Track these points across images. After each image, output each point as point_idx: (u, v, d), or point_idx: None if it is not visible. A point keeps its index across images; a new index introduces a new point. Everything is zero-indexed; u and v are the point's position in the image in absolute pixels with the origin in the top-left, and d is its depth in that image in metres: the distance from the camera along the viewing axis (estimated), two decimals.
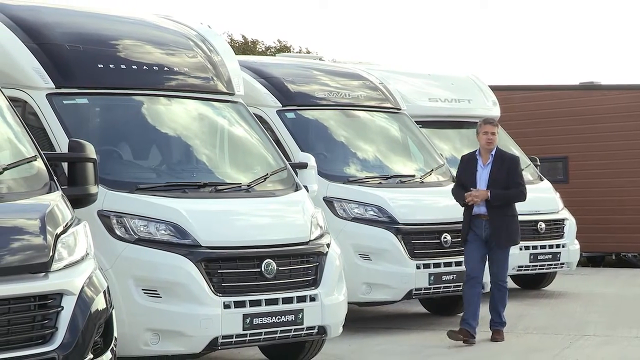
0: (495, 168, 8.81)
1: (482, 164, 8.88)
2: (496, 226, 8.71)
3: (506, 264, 8.92)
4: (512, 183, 8.83)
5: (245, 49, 33.36)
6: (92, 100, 7.65)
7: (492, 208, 8.72)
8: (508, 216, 8.81)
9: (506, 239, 8.81)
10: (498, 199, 8.70)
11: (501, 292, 8.94)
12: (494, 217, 8.71)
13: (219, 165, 7.98)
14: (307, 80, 10.68)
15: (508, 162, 8.93)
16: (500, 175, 8.77)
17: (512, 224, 8.85)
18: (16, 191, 5.23)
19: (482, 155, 8.91)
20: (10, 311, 4.69)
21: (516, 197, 8.89)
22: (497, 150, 8.97)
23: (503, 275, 8.89)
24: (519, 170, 9.00)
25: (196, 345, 6.82)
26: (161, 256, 6.83)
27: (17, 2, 8.12)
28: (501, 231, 8.74)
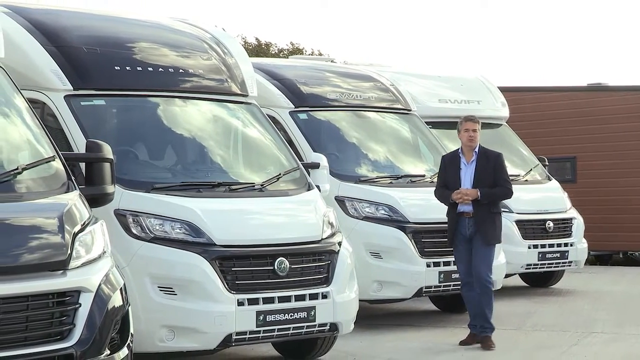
0: (480, 166, 8.47)
1: (465, 162, 8.52)
2: (481, 223, 8.38)
3: (490, 262, 8.49)
4: (498, 180, 8.48)
5: (258, 51, 33.40)
6: (109, 101, 7.67)
7: (478, 206, 8.39)
8: (493, 213, 8.50)
9: (492, 235, 8.45)
10: (487, 198, 8.39)
11: (487, 294, 8.45)
12: (479, 214, 8.38)
13: (232, 165, 7.99)
14: (319, 81, 10.69)
15: (493, 160, 8.55)
16: (486, 173, 8.44)
17: (497, 221, 8.53)
18: (35, 190, 5.26)
19: (465, 153, 8.55)
20: (28, 308, 4.71)
21: (503, 195, 8.60)
22: (480, 147, 8.59)
23: (487, 274, 8.44)
24: (504, 166, 8.63)
25: (211, 342, 6.83)
26: (176, 254, 6.84)
27: (36, 6, 8.15)
28: (487, 228, 8.40)
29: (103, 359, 4.93)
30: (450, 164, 8.61)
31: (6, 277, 4.68)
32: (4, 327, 4.59)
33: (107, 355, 4.98)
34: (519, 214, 11.87)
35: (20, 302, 4.69)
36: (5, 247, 4.79)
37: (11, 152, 5.55)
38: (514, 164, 12.90)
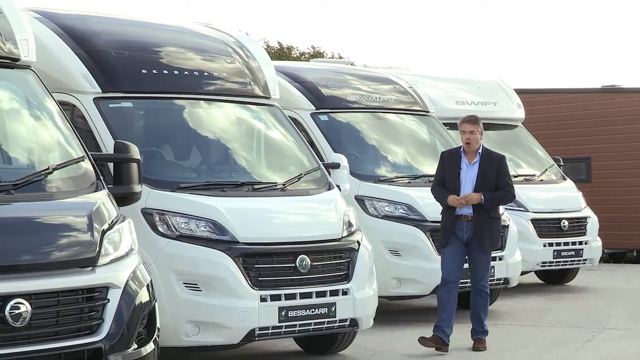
0: (483, 168, 7.93)
1: (467, 163, 7.97)
2: (480, 228, 7.86)
3: (488, 268, 8.10)
4: (501, 184, 7.96)
5: (280, 54, 33.42)
6: (136, 103, 7.70)
7: (478, 209, 7.87)
8: (493, 218, 7.99)
9: (490, 241, 7.95)
10: (490, 203, 7.88)
11: (483, 299, 8.07)
12: (479, 218, 7.86)
13: (255, 166, 8.00)
14: (339, 84, 10.69)
15: (497, 162, 8.02)
16: (489, 176, 7.91)
17: (496, 226, 8.04)
18: (65, 190, 5.28)
19: (467, 154, 8.00)
20: (59, 303, 4.73)
21: (506, 199, 8.13)
22: (483, 149, 8.05)
23: (485, 280, 8.04)
24: (507, 169, 8.11)
25: (234, 337, 6.84)
26: (201, 252, 6.86)
27: (66, 11, 8.20)
28: (484, 233, 7.88)
29: (130, 352, 4.94)
30: (450, 163, 8.07)
31: (38, 274, 4.71)
32: (36, 321, 4.61)
33: (135, 349, 4.99)
34: (534, 213, 11.83)
35: (51, 298, 4.71)
36: (36, 245, 4.81)
37: (42, 152, 5.58)
38: (530, 164, 12.87)
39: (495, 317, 10.07)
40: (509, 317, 10.08)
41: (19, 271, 4.67)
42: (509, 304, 10.90)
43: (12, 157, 5.54)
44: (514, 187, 8.13)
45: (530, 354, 8.06)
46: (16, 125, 5.67)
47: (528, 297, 11.49)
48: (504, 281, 9.94)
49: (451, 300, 7.90)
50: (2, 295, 4.53)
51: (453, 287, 7.90)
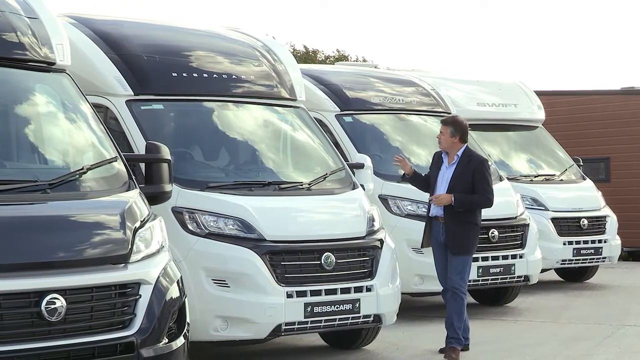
0: (459, 169, 7.52)
1: (446, 164, 7.63)
2: (452, 232, 7.45)
3: (463, 271, 7.50)
4: (477, 187, 7.49)
5: (306, 58, 33.43)
6: (167, 106, 7.73)
7: (450, 211, 7.44)
8: (467, 223, 7.49)
9: (461, 246, 7.46)
10: (462, 204, 7.42)
11: (457, 303, 7.50)
12: (451, 221, 7.45)
13: (282, 166, 8.00)
14: (363, 86, 10.68)
15: (474, 164, 7.54)
16: (465, 177, 7.48)
17: (469, 231, 7.51)
18: (99, 189, 5.31)
19: (448, 155, 7.64)
20: (93, 299, 4.76)
21: (481, 203, 7.55)
22: (465, 150, 7.63)
23: (459, 283, 7.47)
24: (486, 173, 7.59)
25: (261, 331, 6.85)
26: (229, 249, 6.87)
27: (100, 17, 8.25)
28: (456, 238, 7.44)
29: (161, 346, 4.96)
30: (435, 162, 7.78)
31: (72, 270, 4.74)
32: (71, 316, 4.64)
33: (165, 343, 5.01)
34: (554, 212, 11.78)
35: (86, 293, 4.73)
36: (71, 242, 4.84)
37: (77, 153, 5.61)
38: (550, 165, 12.80)
39: (516, 313, 10.03)
40: (530, 313, 10.03)
41: (54, 267, 4.71)
42: (530, 301, 10.85)
43: (48, 158, 5.58)
44: (492, 192, 7.57)
45: (550, 350, 8.00)
46: (52, 127, 5.71)
47: (548, 294, 11.43)
48: (524, 278, 9.90)
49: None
50: (39, 291, 4.56)
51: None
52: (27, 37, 5.53)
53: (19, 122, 5.62)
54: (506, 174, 11.27)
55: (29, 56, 5.53)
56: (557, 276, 12.92)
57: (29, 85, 5.71)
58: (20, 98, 5.69)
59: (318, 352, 7.94)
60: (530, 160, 12.73)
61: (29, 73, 5.64)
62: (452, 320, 7.53)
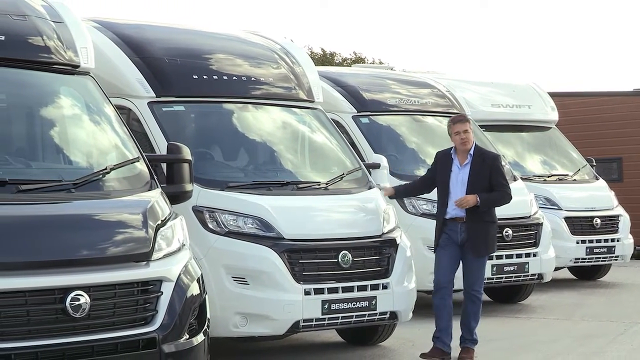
0: (475, 168, 7.21)
1: (459, 165, 7.26)
2: (474, 232, 7.15)
3: (482, 273, 7.30)
4: (495, 184, 7.22)
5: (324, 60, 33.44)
6: (188, 107, 7.75)
7: (472, 212, 7.15)
8: (487, 222, 7.25)
9: (484, 246, 7.24)
10: (485, 204, 7.17)
11: (475, 305, 7.28)
12: (472, 221, 7.14)
13: (300, 166, 8.00)
14: (380, 88, 10.66)
15: (490, 161, 7.27)
16: (482, 176, 7.20)
17: (491, 231, 7.29)
18: (121, 189, 5.32)
19: (459, 155, 7.28)
20: (116, 295, 4.77)
21: (502, 200, 7.30)
22: (475, 148, 7.32)
23: (478, 286, 7.27)
24: (502, 169, 7.40)
25: (280, 328, 6.86)
26: (249, 247, 6.88)
27: (123, 21, 8.28)
28: (479, 238, 7.17)
29: (182, 342, 4.97)
30: (442, 163, 7.39)
31: (96, 267, 4.75)
32: (95, 312, 4.65)
33: (186, 339, 5.02)
34: (567, 211, 11.72)
35: (109, 290, 4.75)
36: (95, 240, 4.86)
37: (100, 153, 5.63)
38: (563, 165, 12.74)
39: (530, 310, 9.98)
40: (543, 310, 9.98)
41: (78, 265, 4.72)
42: (543, 298, 10.79)
43: (73, 158, 5.60)
44: (509, 187, 7.39)
45: (563, 346, 7.96)
46: (76, 128, 5.74)
47: (561, 292, 11.37)
48: (538, 276, 9.86)
49: (447, 307, 7.21)
50: (63, 288, 4.58)
51: (447, 294, 7.22)
52: (53, 40, 5.56)
53: (44, 123, 5.65)
54: (520, 174, 11.22)
55: (54, 59, 5.56)
56: (570, 274, 12.85)
57: (54, 87, 5.74)
58: (45, 100, 5.72)
59: (335, 348, 7.94)
60: (544, 161, 12.67)
61: (54, 76, 5.67)
62: (469, 321, 7.31)
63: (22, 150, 5.50)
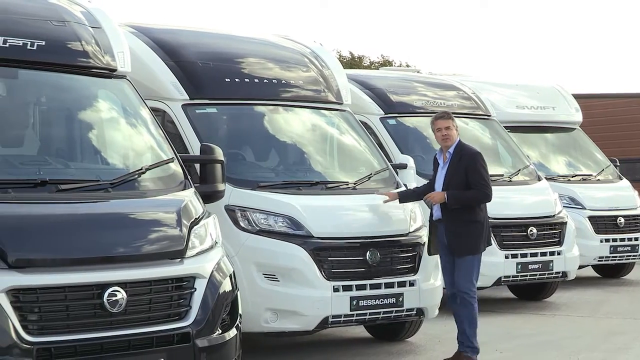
0: (451, 166, 6.84)
1: (441, 164, 7.01)
2: (453, 232, 6.81)
3: (471, 273, 6.82)
4: (472, 182, 6.78)
5: (352, 63, 33.42)
6: (221, 109, 7.77)
7: (447, 212, 6.80)
8: (466, 222, 6.79)
9: (465, 247, 6.80)
10: (456, 201, 6.76)
11: (465, 308, 6.78)
12: (450, 221, 6.83)
13: (328, 166, 8.00)
14: (406, 90, 10.63)
15: (466, 159, 6.82)
16: (457, 174, 6.79)
17: (472, 230, 6.80)
18: (156, 188, 5.35)
19: (443, 154, 7.00)
20: (151, 291, 4.80)
21: (477, 199, 6.80)
22: (457, 146, 6.91)
23: (466, 286, 6.78)
24: (480, 167, 6.84)
25: (310, 323, 6.86)
26: (279, 245, 6.89)
27: (158, 26, 8.33)
28: (459, 238, 6.79)
29: (215, 337, 4.98)
30: (434, 165, 7.14)
31: (132, 264, 4.79)
32: (131, 307, 4.68)
33: (219, 334, 5.03)
34: (591, 211, 11.61)
35: (145, 286, 4.77)
36: (131, 238, 4.89)
37: (136, 154, 5.67)
38: (587, 165, 12.63)
39: (554, 308, 9.90)
40: (568, 308, 9.90)
41: (115, 262, 4.76)
42: (567, 296, 10.70)
43: (110, 159, 5.64)
44: (488, 186, 6.88)
45: (588, 343, 7.89)
46: (113, 129, 5.78)
47: (586, 290, 11.26)
48: (562, 274, 9.78)
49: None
50: (101, 284, 4.61)
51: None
52: (91, 45, 5.60)
53: (83, 125, 5.70)
54: (544, 174, 11.14)
55: (92, 63, 5.60)
56: (594, 272, 12.73)
57: (92, 90, 5.79)
58: (84, 103, 5.77)
59: (363, 344, 7.92)
60: (568, 161, 12.57)
61: (92, 79, 5.72)
62: (464, 328, 6.85)
63: (62, 151, 5.55)
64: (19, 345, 4.35)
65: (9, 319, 4.34)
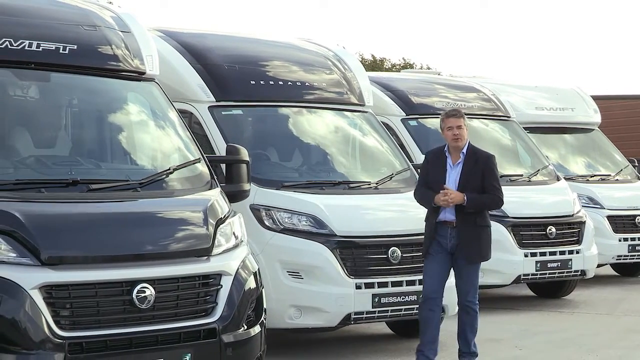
0: (467, 168, 6.36)
1: (451, 163, 6.42)
2: (466, 237, 6.29)
3: (475, 282, 6.43)
4: (487, 186, 6.37)
5: (374, 66, 33.38)
6: (246, 111, 7.79)
7: (462, 215, 6.28)
8: (480, 226, 6.37)
9: (477, 252, 6.36)
10: (473, 205, 6.29)
11: (470, 316, 6.43)
12: (463, 225, 6.29)
13: (351, 166, 8.00)
14: (427, 92, 10.60)
15: (483, 162, 6.41)
16: (474, 177, 6.35)
17: (484, 235, 6.40)
18: (184, 188, 5.38)
19: (452, 153, 6.45)
20: (179, 288, 4.82)
21: (492, 204, 6.45)
22: (469, 147, 6.45)
23: (472, 296, 6.41)
24: (496, 171, 6.48)
25: (332, 320, 6.86)
26: (303, 243, 6.89)
27: (185, 30, 8.37)
28: (471, 243, 6.31)
29: (241, 333, 5.00)
30: (434, 163, 6.51)
31: (160, 262, 4.81)
32: (159, 304, 4.71)
33: (244, 330, 5.04)
34: (610, 210, 11.50)
35: (172, 283, 4.80)
36: (159, 236, 4.92)
37: (164, 155, 5.70)
38: (605, 166, 12.51)
39: (573, 306, 9.83)
40: (586, 306, 9.82)
41: (144, 259, 4.79)
42: (586, 294, 10.61)
43: (139, 159, 5.68)
44: (502, 191, 6.49)
45: (606, 340, 7.82)
46: (142, 131, 5.81)
47: (604, 288, 11.17)
48: (581, 273, 9.71)
49: (434, 319, 6.40)
50: (130, 281, 4.64)
51: (435, 305, 6.39)
52: (121, 49, 5.64)
53: (113, 126, 5.73)
54: (563, 174, 11.07)
55: (122, 67, 5.64)
56: (612, 271, 12.61)
57: (122, 93, 5.82)
58: (113, 105, 5.81)
59: (385, 340, 7.91)
60: (587, 161, 12.46)
61: (122, 82, 5.75)
62: (466, 333, 6.47)
63: (93, 152, 5.59)
64: (52, 340, 4.39)
65: (42, 314, 4.39)
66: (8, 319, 4.35)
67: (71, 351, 4.41)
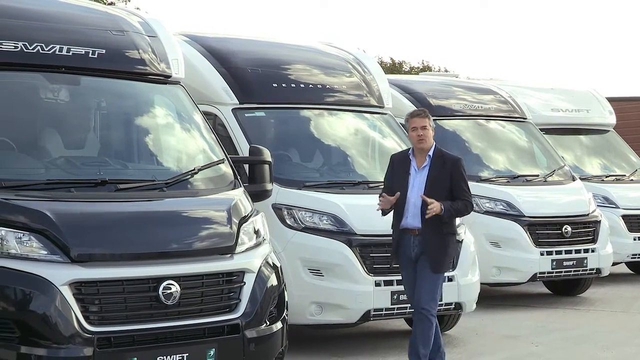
0: (434, 172, 5.81)
1: (416, 167, 5.89)
2: (431, 246, 5.76)
3: (436, 290, 5.81)
4: (457, 191, 5.79)
5: (393, 69, 33.31)
6: (268, 113, 7.81)
7: (428, 221, 5.72)
8: (446, 234, 5.83)
9: (440, 261, 5.80)
10: (450, 214, 5.77)
11: (424, 325, 5.74)
12: (430, 233, 5.75)
13: (370, 167, 7.98)
14: (445, 94, 10.56)
15: (451, 165, 5.83)
16: (441, 181, 5.79)
17: (450, 244, 5.87)
18: (208, 188, 5.40)
19: (416, 156, 5.90)
20: (203, 285, 4.84)
21: (465, 211, 5.87)
22: (436, 149, 5.89)
23: (429, 305, 5.74)
24: (465, 174, 5.87)
25: (352, 316, 6.85)
26: (324, 242, 6.89)
27: (210, 34, 8.40)
28: (435, 251, 5.77)
29: (263, 328, 5.01)
30: (398, 167, 5.98)
31: (185, 259, 4.83)
32: (184, 300, 4.72)
33: (267, 325, 5.05)
34: (625, 209, 11.41)
35: (197, 280, 4.82)
36: (184, 235, 4.94)
37: (189, 155, 5.73)
38: (620, 166, 12.41)
39: (588, 303, 9.75)
40: (601, 303, 9.74)
41: (169, 257, 4.81)
42: (601, 292, 10.53)
43: (164, 160, 5.70)
44: (471, 195, 5.95)
45: (621, 337, 7.75)
46: (167, 132, 5.84)
47: (619, 286, 11.07)
48: (596, 271, 9.65)
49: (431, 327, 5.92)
50: (156, 278, 4.66)
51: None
52: (148, 53, 5.67)
53: (140, 128, 5.77)
54: (579, 174, 10.99)
55: (148, 70, 5.67)
56: (627, 269, 12.50)
57: (149, 96, 5.86)
58: (140, 107, 5.84)
59: (403, 336, 7.87)
60: (602, 162, 12.36)
61: (149, 85, 5.78)
62: (417, 345, 5.80)
63: (120, 153, 5.63)
64: (81, 335, 4.42)
65: (72, 309, 4.42)
66: (39, 314, 4.39)
67: (100, 346, 4.44)
